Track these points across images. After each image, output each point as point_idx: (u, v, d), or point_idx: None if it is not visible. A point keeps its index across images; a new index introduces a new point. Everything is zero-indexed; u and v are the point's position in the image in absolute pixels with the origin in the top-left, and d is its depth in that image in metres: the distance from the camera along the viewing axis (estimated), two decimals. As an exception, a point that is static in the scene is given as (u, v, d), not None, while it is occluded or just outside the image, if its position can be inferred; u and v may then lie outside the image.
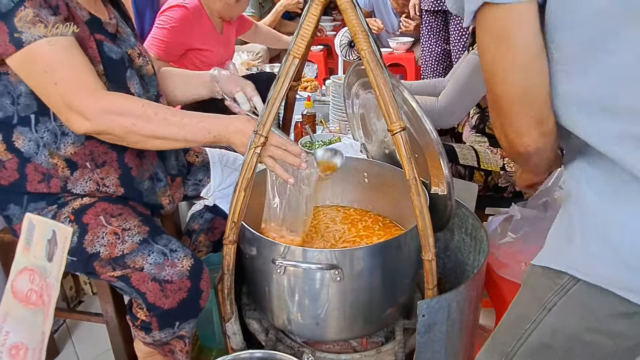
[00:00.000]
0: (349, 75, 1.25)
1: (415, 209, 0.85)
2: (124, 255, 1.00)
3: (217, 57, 2.08)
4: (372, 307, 1.02)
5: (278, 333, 1.14)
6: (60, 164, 1.02)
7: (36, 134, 0.99)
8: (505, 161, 1.59)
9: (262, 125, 0.89)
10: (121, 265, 1.00)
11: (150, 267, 0.99)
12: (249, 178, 0.92)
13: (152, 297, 0.99)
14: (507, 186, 1.60)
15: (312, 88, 2.59)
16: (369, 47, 0.82)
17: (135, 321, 1.07)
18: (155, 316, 1.02)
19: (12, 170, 1.02)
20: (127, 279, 1.01)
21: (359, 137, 1.41)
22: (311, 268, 0.93)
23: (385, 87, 0.81)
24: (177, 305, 1.00)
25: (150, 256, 1.00)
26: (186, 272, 1.00)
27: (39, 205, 1.04)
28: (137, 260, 0.99)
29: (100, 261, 1.01)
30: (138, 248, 1.00)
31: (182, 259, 1.00)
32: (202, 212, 1.43)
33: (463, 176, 1.56)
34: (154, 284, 0.99)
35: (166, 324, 1.03)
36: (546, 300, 0.69)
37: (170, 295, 0.99)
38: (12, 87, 0.95)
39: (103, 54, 1.00)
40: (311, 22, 0.86)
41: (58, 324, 1.64)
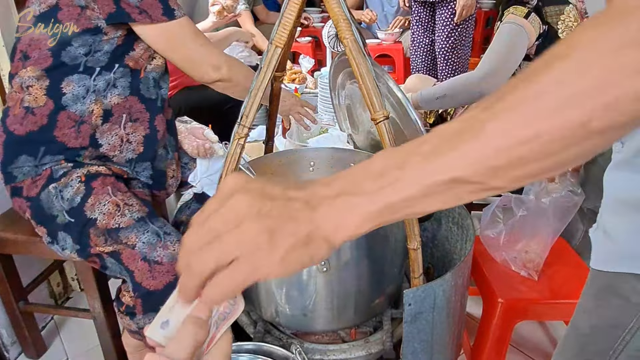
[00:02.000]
0: (334, 65, 1.24)
1: (400, 198, 0.84)
2: (119, 228, 1.03)
3: None
4: (360, 297, 1.02)
5: (266, 325, 1.14)
6: (97, 111, 1.10)
7: (92, 81, 1.09)
8: None
9: (245, 116, 0.88)
10: (114, 239, 1.03)
11: (143, 246, 1.02)
12: (232, 169, 0.91)
13: (140, 277, 1.01)
14: None
15: (300, 80, 2.57)
16: (352, 35, 0.81)
17: (120, 307, 1.09)
18: (140, 297, 1.03)
19: (41, 116, 1.07)
20: (117, 255, 1.03)
21: (346, 128, 1.40)
22: (297, 259, 0.93)
23: (368, 76, 0.80)
24: (163, 288, 1.02)
25: (144, 235, 1.03)
26: (177, 255, 1.00)
27: (55, 158, 1.09)
28: (131, 237, 1.03)
29: (96, 229, 1.04)
30: (134, 225, 1.04)
31: (175, 243, 1.04)
32: (190, 203, 1.42)
33: None
34: (144, 263, 1.01)
35: (150, 306, 1.04)
36: None
37: (158, 276, 1.01)
38: (97, 44, 1.08)
39: None
40: (293, 11, 0.85)
41: (46, 321, 1.63)
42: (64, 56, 1.07)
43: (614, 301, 0.68)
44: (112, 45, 1.10)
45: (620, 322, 0.66)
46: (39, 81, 1.07)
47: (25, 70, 1.07)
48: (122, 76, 1.13)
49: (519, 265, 1.23)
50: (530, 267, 1.21)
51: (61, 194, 1.06)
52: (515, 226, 1.23)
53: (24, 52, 1.09)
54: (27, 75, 1.07)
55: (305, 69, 2.77)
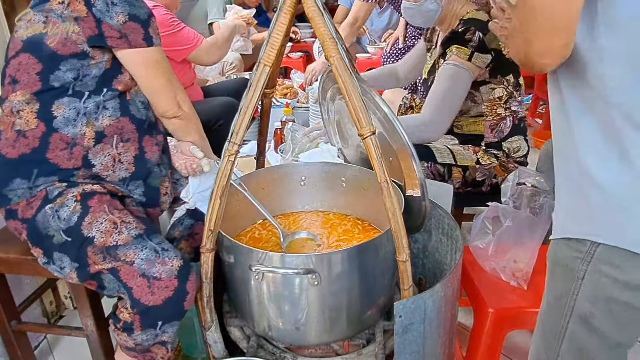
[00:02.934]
0: (323, 80, 1.27)
1: (388, 211, 0.86)
2: (117, 246, 1.04)
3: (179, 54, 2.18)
4: (352, 309, 1.03)
5: (260, 340, 1.14)
6: (89, 134, 1.11)
7: (82, 104, 1.11)
8: (478, 155, 1.63)
9: (235, 133, 0.90)
10: (112, 256, 1.04)
11: (141, 263, 1.03)
12: (224, 185, 0.93)
13: (138, 293, 1.02)
14: (485, 179, 1.64)
15: (292, 95, 2.60)
16: (337, 53, 0.83)
17: (117, 323, 1.09)
18: (139, 313, 1.04)
19: (33, 138, 1.09)
20: (116, 272, 1.04)
21: (336, 142, 1.42)
22: (288, 273, 0.94)
23: (354, 93, 0.83)
24: (162, 303, 1.03)
25: (142, 251, 1.04)
26: (175, 271, 1.04)
27: (49, 179, 1.10)
28: (129, 254, 1.04)
29: (93, 247, 1.04)
30: (132, 242, 1.05)
31: (173, 259, 1.05)
32: (183, 219, 1.43)
33: (442, 174, 1.59)
34: (142, 279, 1.02)
35: (149, 323, 1.04)
36: (576, 270, 0.74)
37: (157, 292, 1.02)
38: (85, 68, 1.10)
39: None
40: (280, 31, 0.87)
41: (39, 340, 1.62)
42: (53, 80, 1.09)
43: (558, 271, 0.78)
44: (100, 69, 1.12)
45: (565, 290, 0.76)
46: (29, 105, 1.09)
47: (15, 95, 1.09)
48: (111, 98, 1.14)
49: (508, 275, 1.24)
50: (519, 276, 1.23)
51: (57, 214, 1.07)
52: (503, 236, 1.25)
53: (12, 76, 1.10)
54: (17, 100, 1.09)
55: (296, 84, 2.80)
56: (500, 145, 1.65)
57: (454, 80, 1.50)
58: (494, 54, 1.52)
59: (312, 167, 1.35)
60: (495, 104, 1.60)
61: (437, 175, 1.59)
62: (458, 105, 1.54)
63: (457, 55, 1.50)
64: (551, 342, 0.81)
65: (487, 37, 1.50)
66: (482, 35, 1.50)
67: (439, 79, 1.53)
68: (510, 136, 1.64)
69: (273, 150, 1.98)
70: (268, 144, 1.96)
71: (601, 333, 0.75)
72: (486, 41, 1.50)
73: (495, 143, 1.65)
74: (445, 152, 1.62)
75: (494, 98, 1.60)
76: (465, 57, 1.49)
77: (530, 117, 3.49)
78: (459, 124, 1.67)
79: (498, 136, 1.64)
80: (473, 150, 1.64)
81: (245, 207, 1.22)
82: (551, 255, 0.81)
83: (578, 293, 0.75)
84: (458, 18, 1.59)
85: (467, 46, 1.49)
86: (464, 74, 1.49)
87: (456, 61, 1.49)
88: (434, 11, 1.57)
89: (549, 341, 0.82)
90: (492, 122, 1.62)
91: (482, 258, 1.29)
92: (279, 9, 0.87)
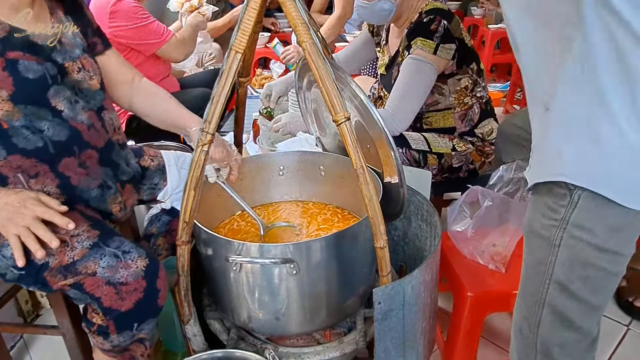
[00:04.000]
0: (299, 69, 1.25)
1: (365, 197, 0.85)
2: (74, 262, 0.98)
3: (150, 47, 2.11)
4: (332, 298, 1.03)
5: (240, 332, 1.14)
6: None
7: None
8: (454, 143, 1.63)
9: (207, 122, 0.88)
10: (73, 273, 0.98)
11: (104, 271, 0.97)
12: (197, 177, 0.91)
13: (108, 301, 0.98)
14: (462, 165, 1.64)
15: (270, 85, 2.57)
16: (310, 39, 0.81)
17: (91, 327, 1.05)
18: (113, 319, 1.00)
19: None
20: (80, 285, 0.99)
21: (314, 131, 1.41)
22: (266, 263, 0.93)
23: (328, 79, 0.81)
24: (134, 306, 0.99)
25: (102, 260, 0.98)
26: (141, 272, 0.99)
27: None
28: (89, 265, 0.98)
29: (50, 271, 0.98)
30: (89, 253, 0.98)
31: (136, 260, 0.99)
32: (160, 215, 1.40)
33: (418, 161, 1.60)
34: (109, 287, 0.97)
35: (124, 326, 1.01)
36: (552, 237, 0.76)
37: (126, 297, 0.98)
38: None
39: (16, 75, 0.97)
40: (251, 16, 0.85)
41: (15, 340, 1.58)
42: None
43: (534, 240, 0.81)
44: None
45: (542, 258, 0.79)
46: None
47: None
48: None
49: (487, 259, 1.25)
50: (498, 260, 1.24)
51: (1, 254, 1.00)
52: (482, 219, 1.25)
53: None
54: None
55: (276, 74, 2.78)
56: (473, 133, 1.66)
57: (416, 75, 1.50)
58: (458, 42, 1.52)
59: (291, 157, 1.34)
60: (462, 94, 1.61)
61: (412, 162, 1.59)
62: (421, 99, 1.54)
63: (421, 49, 1.49)
64: (532, 308, 0.83)
65: (451, 25, 1.50)
66: (447, 24, 1.49)
67: (402, 73, 1.53)
68: (481, 121, 1.66)
69: (252, 141, 1.96)
70: (247, 135, 1.93)
71: (579, 298, 0.78)
72: (451, 29, 1.50)
73: (468, 131, 1.66)
74: (419, 138, 1.62)
75: (460, 88, 1.61)
76: (430, 51, 1.48)
77: (508, 104, 3.52)
78: (428, 121, 1.67)
79: (469, 125, 1.65)
80: (448, 137, 1.65)
81: (224, 199, 1.20)
82: (525, 226, 0.84)
83: (555, 260, 0.77)
84: (416, 11, 1.58)
85: (432, 38, 1.48)
86: (428, 68, 1.49)
87: (420, 55, 1.48)
88: (387, 11, 1.56)
89: (530, 308, 0.84)
90: (461, 112, 1.63)
91: (461, 242, 1.30)
92: (249, -7, 0.85)
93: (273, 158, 1.35)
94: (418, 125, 1.68)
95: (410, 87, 1.50)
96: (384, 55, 1.76)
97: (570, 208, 0.73)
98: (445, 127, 1.66)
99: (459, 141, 1.64)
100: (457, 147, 1.63)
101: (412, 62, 1.50)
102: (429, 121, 1.67)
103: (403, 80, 1.51)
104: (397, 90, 1.52)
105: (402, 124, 1.53)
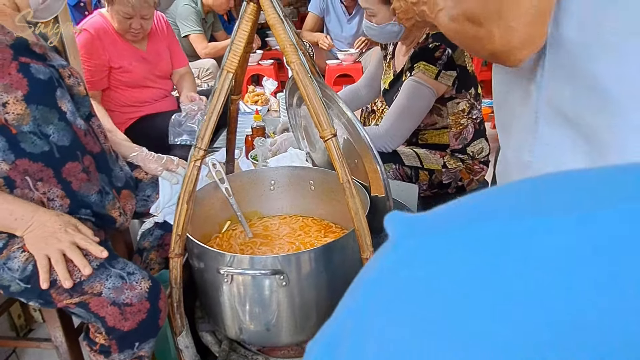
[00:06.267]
0: (289, 87, 1.29)
1: (351, 211, 0.89)
2: (81, 282, 1.00)
3: (141, 74, 2.11)
4: (322, 308, 1.05)
5: (232, 343, 1.15)
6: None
7: None
8: (445, 160, 1.68)
9: (200, 139, 0.92)
10: (79, 292, 1.01)
11: (109, 292, 1.00)
12: (190, 191, 0.94)
13: (112, 321, 1.00)
14: (450, 182, 1.69)
15: (263, 102, 2.62)
16: (298, 59, 0.86)
17: (93, 346, 1.07)
18: (115, 339, 1.03)
19: None
20: (85, 305, 1.01)
21: (304, 147, 1.45)
22: (256, 275, 0.96)
23: (315, 97, 0.85)
24: (137, 326, 1.02)
25: (108, 281, 1.01)
26: (145, 293, 1.02)
27: None
28: (95, 286, 1.00)
29: (57, 289, 1.01)
30: (95, 274, 1.01)
31: (140, 282, 1.03)
32: (152, 230, 1.43)
33: (410, 176, 1.64)
34: (114, 307, 1.00)
35: (126, 345, 1.04)
36: None
37: (130, 317, 1.01)
38: None
39: (30, 76, 1.01)
40: (242, 38, 0.89)
41: (7, 354, 1.59)
42: None
43: None
44: None
45: None
46: None
47: None
48: None
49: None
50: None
51: (7, 266, 1.01)
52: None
53: None
54: None
55: (268, 91, 2.83)
56: (465, 150, 1.70)
57: (415, 97, 1.54)
58: (459, 70, 1.56)
59: (281, 172, 1.38)
60: (459, 116, 1.66)
61: (404, 177, 1.63)
62: (417, 121, 1.58)
63: (423, 72, 1.52)
64: None
65: (455, 54, 1.54)
66: (451, 52, 1.54)
67: (402, 93, 1.57)
68: (473, 140, 1.70)
69: (244, 156, 1.99)
70: (239, 151, 1.97)
71: None
72: (454, 58, 1.55)
73: (460, 149, 1.70)
74: (412, 155, 1.66)
75: (458, 111, 1.65)
76: (431, 76, 1.52)
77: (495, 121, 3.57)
78: (424, 137, 1.72)
79: (462, 143, 1.69)
80: (440, 154, 1.69)
81: (215, 212, 1.23)
82: None
83: None
84: (424, 32, 1.62)
85: (435, 64, 1.52)
86: (427, 92, 1.53)
87: (421, 79, 1.53)
88: (396, 32, 1.60)
89: None
90: (456, 132, 1.68)
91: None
92: (240, 16, 0.89)
93: (264, 173, 1.39)
94: (414, 140, 1.72)
95: (407, 108, 1.54)
96: (389, 70, 1.80)
97: None
98: (439, 143, 1.70)
99: (449, 158, 1.69)
100: (447, 164, 1.67)
101: (412, 84, 1.54)
102: (425, 137, 1.71)
103: (402, 100, 1.55)
104: (394, 109, 1.56)
105: (394, 141, 1.57)
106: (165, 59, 2.22)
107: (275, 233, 1.32)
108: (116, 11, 1.94)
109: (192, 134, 1.99)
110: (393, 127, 1.55)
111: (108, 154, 1.23)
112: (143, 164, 1.38)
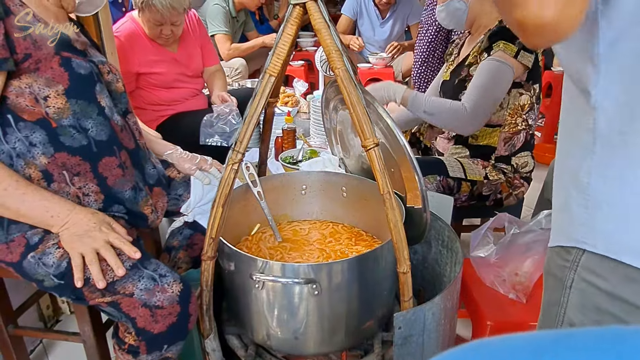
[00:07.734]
0: (327, 90, 1.27)
1: (390, 222, 0.86)
2: (114, 282, 1.00)
3: (171, 76, 2.13)
4: (351, 320, 1.03)
5: (258, 348, 1.14)
6: (35, 175, 1.02)
7: (7, 145, 1.00)
8: (487, 171, 1.63)
9: (239, 142, 0.91)
10: (111, 292, 1.01)
11: (141, 293, 1.00)
12: (226, 194, 0.93)
13: (142, 322, 1.00)
14: (490, 194, 1.64)
15: (293, 103, 2.61)
16: (343, 66, 0.84)
17: (122, 345, 1.07)
18: (145, 340, 1.02)
19: None
20: (117, 304, 1.01)
21: (337, 152, 1.43)
22: (289, 283, 0.94)
23: (359, 105, 0.83)
24: (167, 329, 1.01)
25: (140, 282, 1.01)
26: (176, 297, 1.02)
27: (22, 227, 1.02)
28: (128, 287, 1.00)
29: (90, 287, 1.01)
30: (128, 274, 1.01)
31: (172, 284, 1.02)
32: (182, 229, 1.43)
33: (452, 188, 1.59)
34: (145, 309, 1.00)
35: (155, 347, 1.04)
36: (564, 278, 0.72)
37: (161, 320, 1.00)
38: None
39: (71, 71, 1.02)
40: (287, 41, 0.88)
41: (34, 344, 1.61)
42: None
43: (550, 281, 0.78)
44: None
45: (555, 299, 0.76)
46: None
47: None
48: (32, 132, 1.00)
49: (508, 288, 1.24)
50: (519, 290, 1.23)
51: (42, 261, 1.01)
52: (507, 246, 1.24)
53: None
54: None
55: (298, 92, 2.82)
56: (509, 160, 1.64)
57: (496, 76, 1.48)
58: (535, 56, 1.52)
59: (313, 177, 1.36)
60: (517, 112, 1.59)
61: (446, 189, 1.58)
62: (497, 101, 1.53)
63: (503, 51, 1.48)
64: None
65: None
66: None
67: (481, 73, 1.51)
68: (520, 151, 1.64)
69: (274, 158, 1.99)
70: (269, 152, 1.96)
71: None
72: None
73: (505, 157, 1.64)
74: (457, 165, 1.61)
75: (518, 105, 1.58)
76: (511, 54, 1.47)
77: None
78: (475, 134, 1.65)
79: (509, 150, 1.63)
80: (482, 164, 1.64)
81: (246, 215, 1.22)
82: (544, 265, 0.82)
83: (567, 302, 0.75)
84: (496, 18, 1.58)
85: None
86: (507, 70, 1.48)
87: (501, 57, 1.48)
88: (461, 10, 1.58)
89: None
90: (508, 134, 1.61)
91: (483, 268, 1.29)
92: (285, 19, 0.88)
93: (296, 177, 1.37)
94: (464, 137, 1.67)
95: (489, 88, 1.48)
96: (451, 66, 1.76)
97: (581, 250, 0.70)
98: (488, 144, 1.64)
99: (492, 169, 1.63)
100: (489, 176, 1.62)
101: (492, 63, 1.49)
102: (476, 135, 1.65)
103: (483, 79, 1.49)
104: (475, 88, 1.49)
105: (476, 121, 1.51)
106: (196, 59, 2.23)
107: (305, 238, 1.30)
108: (147, 19, 1.97)
109: (223, 135, 1.99)
110: (477, 106, 1.47)
111: (142, 151, 1.23)
112: (177, 162, 1.38)
